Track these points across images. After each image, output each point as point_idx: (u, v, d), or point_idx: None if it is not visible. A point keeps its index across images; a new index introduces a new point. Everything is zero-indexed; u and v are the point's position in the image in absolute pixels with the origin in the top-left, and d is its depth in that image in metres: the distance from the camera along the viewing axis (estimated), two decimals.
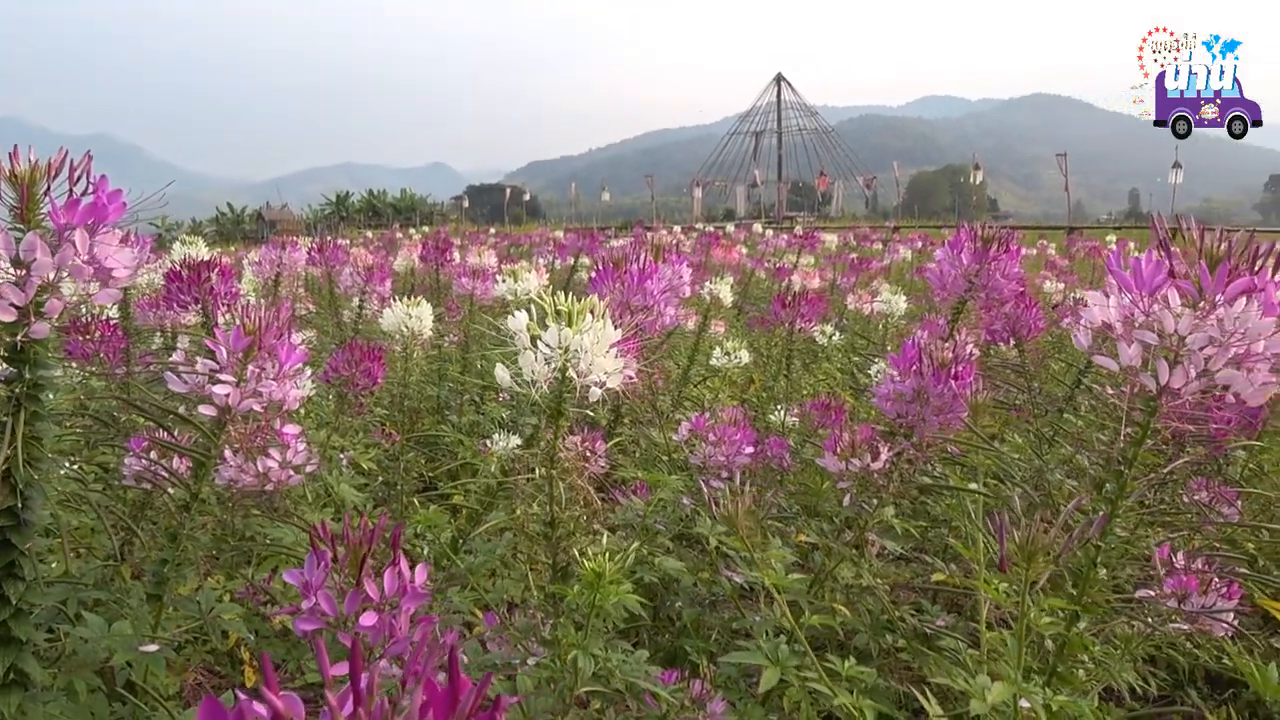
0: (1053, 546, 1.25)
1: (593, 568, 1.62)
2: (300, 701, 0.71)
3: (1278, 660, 3.63)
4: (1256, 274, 1.33)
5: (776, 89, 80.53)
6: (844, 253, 13.85)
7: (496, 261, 6.92)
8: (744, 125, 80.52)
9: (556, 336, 1.70)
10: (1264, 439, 4.42)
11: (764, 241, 15.96)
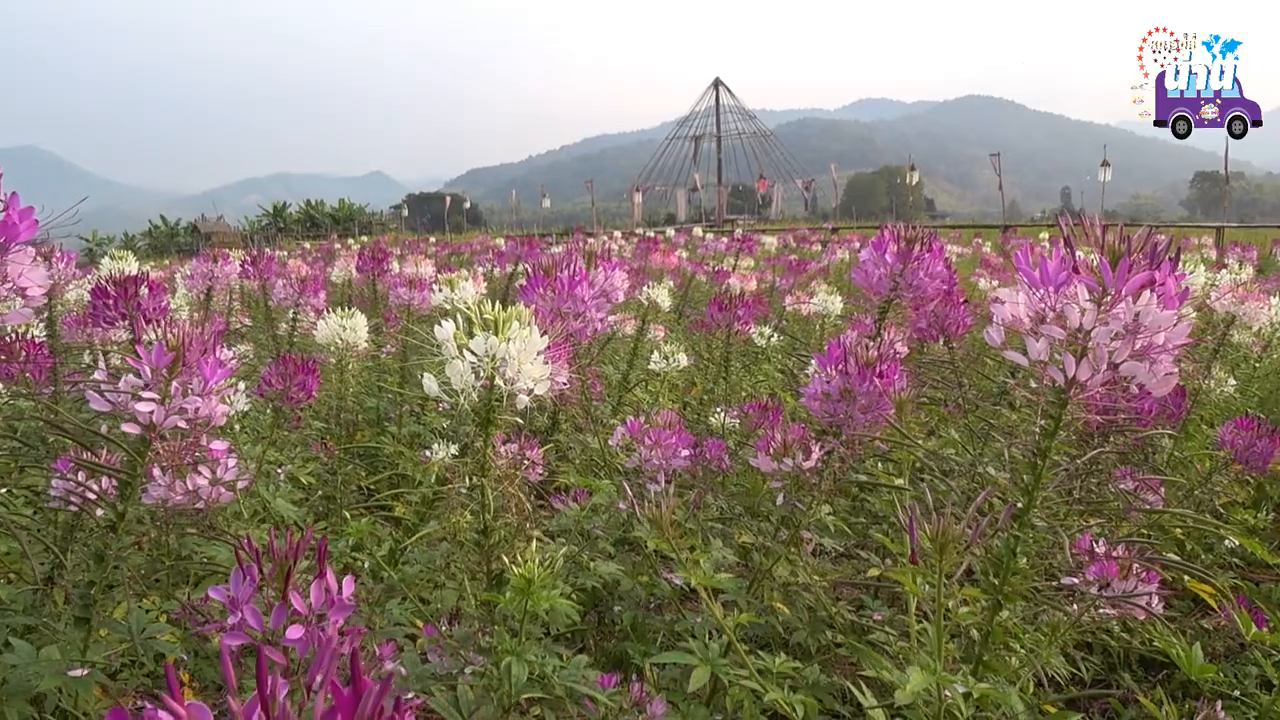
0: (962, 539, 1.28)
1: (522, 574, 1.62)
2: (208, 711, 0.71)
3: (1204, 641, 3.76)
4: (1156, 268, 1.37)
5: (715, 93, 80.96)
6: (783, 254, 13.98)
7: (434, 271, 6.88)
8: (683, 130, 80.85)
9: (483, 345, 1.70)
10: (1188, 427, 4.56)
11: (704, 245, 16.04)
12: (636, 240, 18.68)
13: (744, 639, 2.86)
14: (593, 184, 54.42)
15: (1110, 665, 3.65)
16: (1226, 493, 4.07)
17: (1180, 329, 1.39)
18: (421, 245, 23.03)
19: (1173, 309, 1.37)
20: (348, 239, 34.24)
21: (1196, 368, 4.82)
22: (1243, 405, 5.00)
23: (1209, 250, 13.15)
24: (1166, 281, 1.37)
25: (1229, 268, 8.21)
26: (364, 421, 5.58)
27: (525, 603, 1.65)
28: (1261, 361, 5.34)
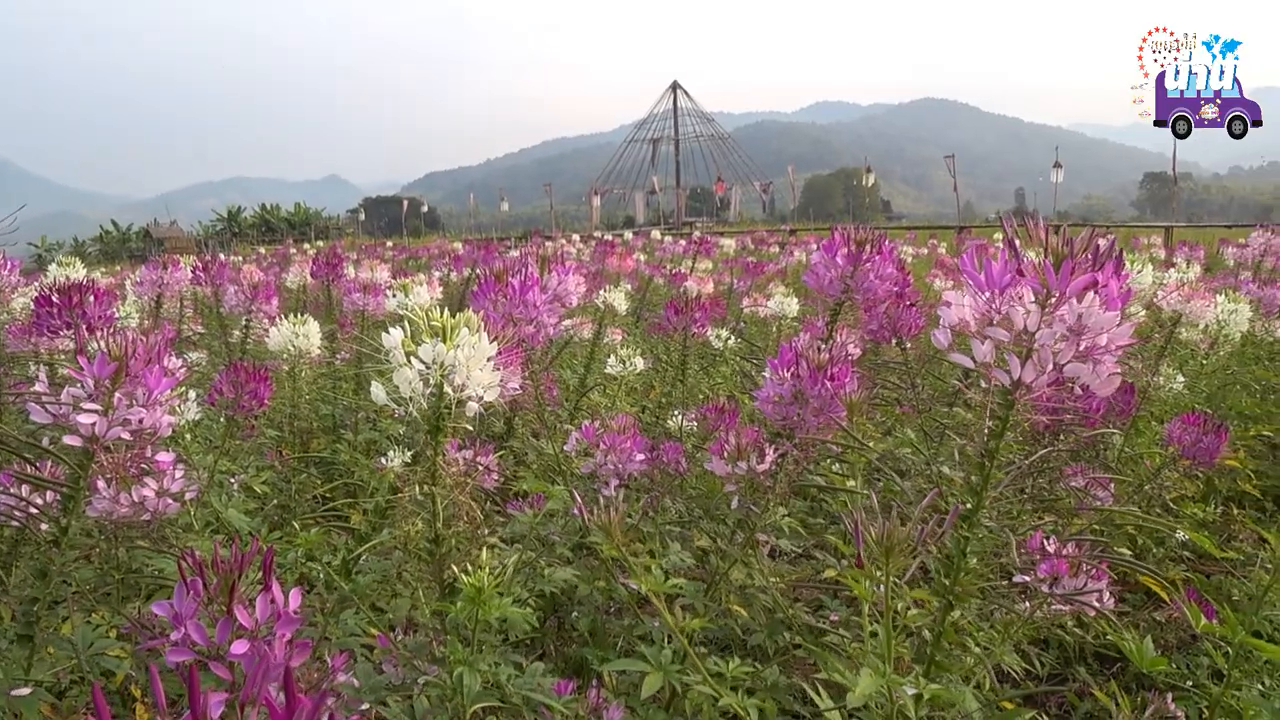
0: (908, 541, 1.28)
1: (472, 583, 1.61)
2: None
3: (1157, 633, 3.82)
4: (1099, 270, 1.39)
5: (673, 96, 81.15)
6: (741, 256, 14.02)
7: (389, 276, 6.82)
8: (641, 133, 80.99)
9: (431, 352, 1.68)
10: (1138, 424, 4.63)
11: (661, 247, 16.06)
12: (595, 243, 18.67)
13: (704, 641, 2.87)
14: (551, 187, 54.38)
15: (1066, 660, 3.70)
16: (1177, 487, 4.14)
17: (1122, 330, 1.40)
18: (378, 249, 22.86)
19: (1115, 310, 1.38)
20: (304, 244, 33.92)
21: (1145, 365, 4.89)
22: (1191, 401, 5.08)
23: (1158, 249, 13.35)
24: (1109, 283, 1.38)
25: (1177, 266, 8.34)
26: (319, 429, 5.52)
27: (476, 612, 1.64)
28: (1209, 358, 5.43)
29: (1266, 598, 2.98)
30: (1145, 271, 5.41)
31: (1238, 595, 3.25)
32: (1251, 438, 5.60)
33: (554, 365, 5.65)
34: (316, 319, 6.40)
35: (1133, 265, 5.36)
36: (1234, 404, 6.01)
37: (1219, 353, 5.45)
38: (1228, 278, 9.17)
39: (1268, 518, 4.84)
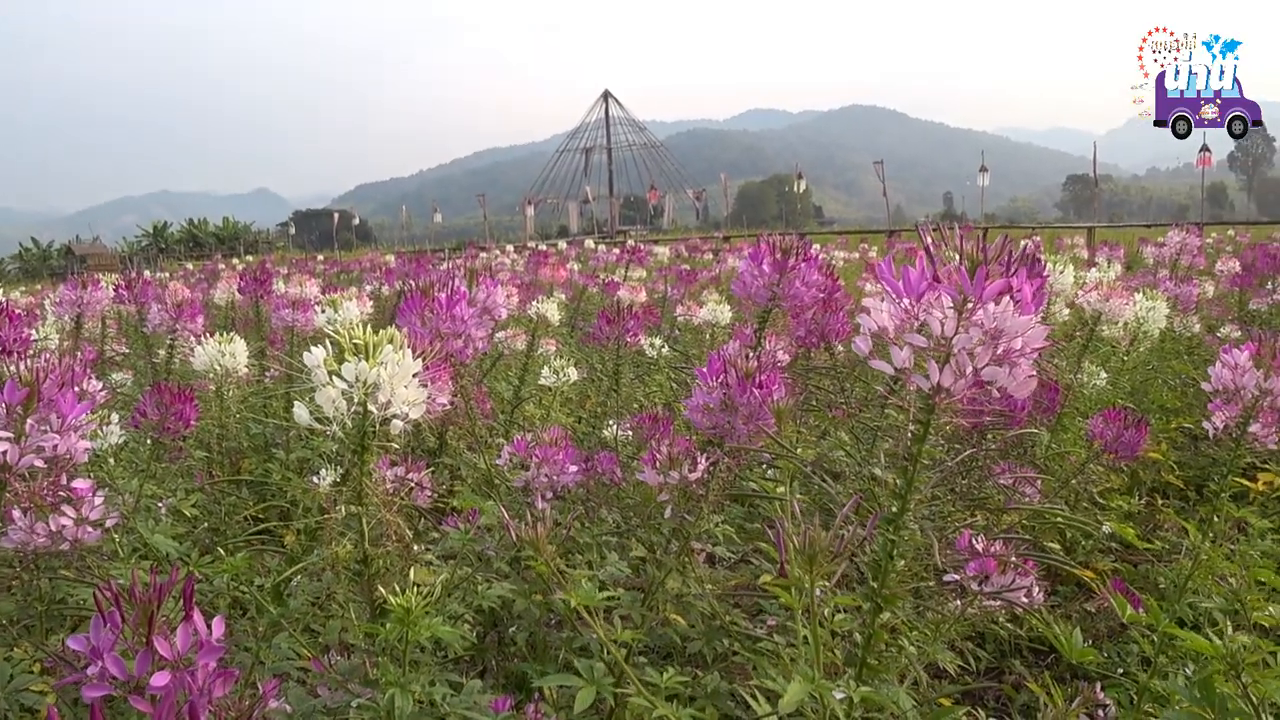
0: (830, 548, 1.29)
1: (400, 603, 1.58)
2: None
3: (1088, 623, 3.90)
4: (1013, 275, 1.42)
5: (604, 105, 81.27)
6: (675, 264, 14.07)
7: (318, 291, 6.72)
8: (573, 142, 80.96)
9: (353, 371, 1.66)
10: (1064, 421, 4.74)
11: (595, 257, 16.06)
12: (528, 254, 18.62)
13: (644, 651, 2.86)
14: (484, 198, 54.07)
15: (1002, 654, 3.77)
16: (1103, 481, 4.24)
17: (1037, 333, 1.43)
18: (309, 264, 22.56)
19: (1029, 314, 1.41)
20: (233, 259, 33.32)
21: (1069, 364, 5.01)
22: (1114, 397, 5.21)
23: (1081, 249, 13.67)
24: (1022, 288, 1.41)
25: (1099, 266, 8.54)
26: (250, 448, 5.41)
27: (406, 632, 1.61)
28: (1129, 355, 5.57)
29: (1188, 585, 3.06)
30: (1067, 272, 5.54)
31: (1164, 584, 3.33)
32: (1173, 430, 5.76)
33: (488, 378, 5.61)
34: (246, 336, 6.28)
35: (1055, 266, 5.49)
36: (1155, 398, 6.18)
37: (1139, 349, 5.60)
38: (1147, 276, 9.43)
39: (1190, 507, 4.97)
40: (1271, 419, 2.88)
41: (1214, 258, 10.70)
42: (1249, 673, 1.67)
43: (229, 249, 58.38)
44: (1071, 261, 8.05)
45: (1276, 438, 2.98)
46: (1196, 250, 10.57)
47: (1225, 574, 2.88)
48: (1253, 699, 1.68)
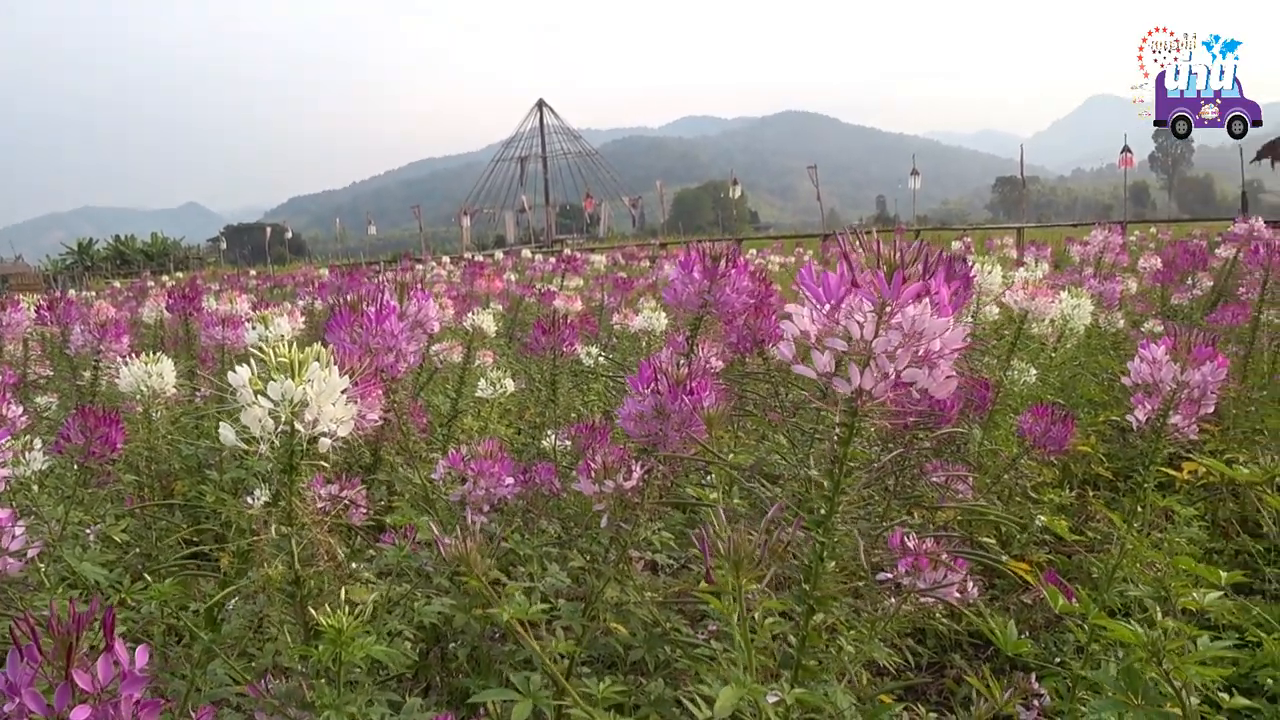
0: (755, 553, 1.31)
1: (332, 624, 1.56)
2: None
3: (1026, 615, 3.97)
4: (930, 278, 1.44)
5: (539, 114, 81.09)
6: (612, 272, 14.08)
7: (249, 307, 6.60)
8: (508, 151, 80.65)
9: (279, 389, 1.63)
10: (995, 418, 4.83)
11: (532, 266, 16.02)
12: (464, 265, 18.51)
13: (588, 661, 2.86)
14: (420, 209, 53.61)
15: (943, 649, 3.83)
16: (1036, 474, 4.33)
17: (955, 334, 1.46)
18: (241, 279, 22.20)
19: (947, 316, 1.44)
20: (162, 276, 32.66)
21: (999, 361, 5.11)
22: (1043, 393, 5.32)
23: (1010, 249, 13.93)
24: (940, 290, 1.44)
25: (1027, 265, 8.72)
26: (182, 470, 5.30)
27: (340, 653, 1.59)
28: (1057, 351, 5.70)
29: (1117, 575, 3.14)
30: (995, 272, 5.65)
31: (1097, 573, 3.41)
32: (1101, 423, 5.90)
33: (424, 392, 5.57)
34: (176, 355, 6.15)
35: (983, 266, 5.59)
36: (1084, 392, 6.33)
37: (1066, 345, 5.73)
38: (1074, 274, 9.64)
39: (1120, 498, 5.09)
40: (1191, 410, 2.96)
41: (1137, 255, 11.00)
42: (1169, 659, 1.72)
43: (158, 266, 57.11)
44: (1000, 261, 8.22)
45: (1197, 428, 3.07)
46: (1119, 248, 10.84)
47: (1152, 562, 2.96)
48: (1174, 683, 1.73)
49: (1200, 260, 9.38)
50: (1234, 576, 2.39)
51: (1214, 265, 9.50)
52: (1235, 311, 6.52)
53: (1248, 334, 6.28)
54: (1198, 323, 7.20)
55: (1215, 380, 2.71)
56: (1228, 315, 6.55)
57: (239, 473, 5.09)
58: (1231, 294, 8.12)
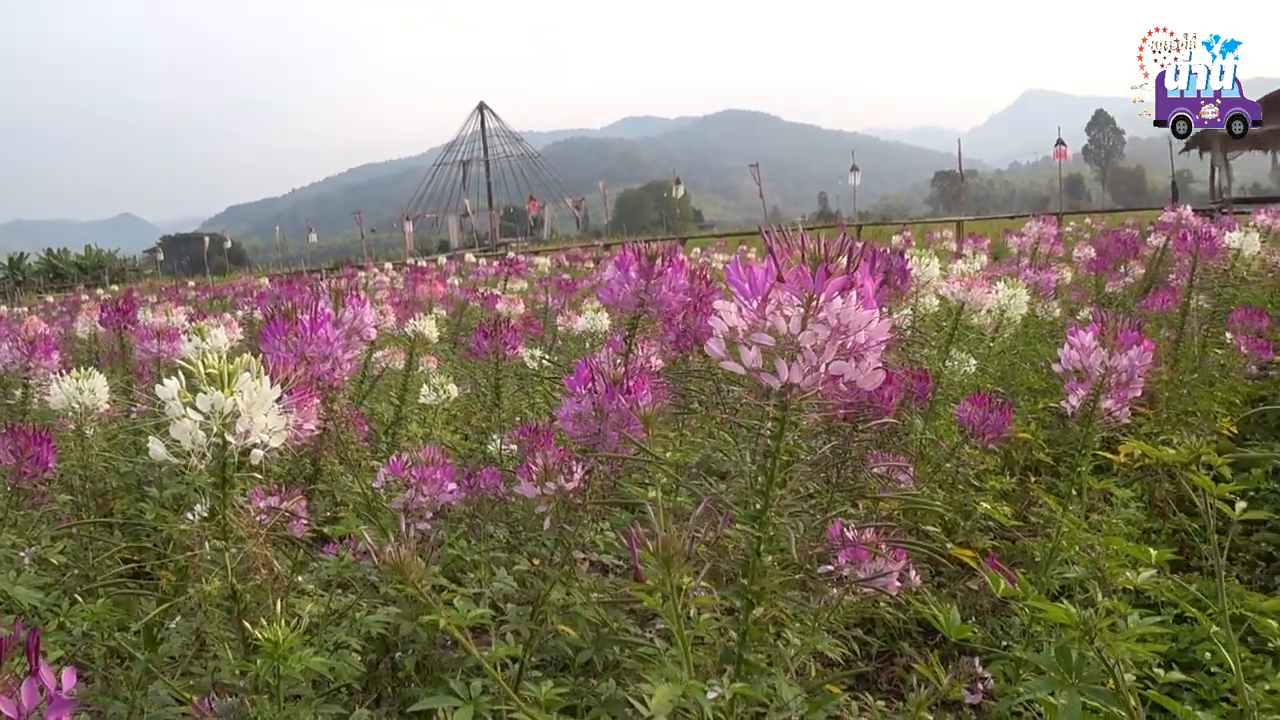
0: (683, 551, 1.32)
1: (269, 638, 1.54)
2: None
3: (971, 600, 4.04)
4: (854, 272, 1.46)
5: (480, 117, 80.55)
6: (557, 274, 14.05)
7: (185, 319, 6.49)
8: (450, 155, 79.95)
9: (208, 401, 1.61)
10: (936, 408, 4.91)
11: (476, 270, 15.93)
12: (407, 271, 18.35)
13: (539, 665, 2.85)
14: (361, 215, 53.04)
15: (892, 637, 3.88)
16: (978, 462, 4.40)
17: (880, 326, 1.49)
18: (179, 291, 21.83)
19: (871, 309, 1.46)
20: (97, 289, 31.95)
21: (939, 352, 5.19)
22: (983, 382, 5.41)
23: (950, 242, 14.12)
24: (864, 284, 1.46)
25: (965, 257, 8.85)
26: (120, 488, 5.19)
27: (279, 668, 1.57)
28: (995, 341, 5.80)
29: (1057, 557, 3.21)
30: (932, 264, 5.72)
31: (1039, 557, 3.48)
32: (1040, 410, 6.02)
33: (368, 399, 5.52)
34: (111, 369, 6.02)
35: (920, 259, 5.66)
36: (1023, 380, 6.45)
37: (1003, 335, 5.83)
38: (1011, 265, 9.81)
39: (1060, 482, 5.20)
40: (1122, 394, 3.03)
41: (1072, 245, 11.21)
42: (1101, 637, 1.76)
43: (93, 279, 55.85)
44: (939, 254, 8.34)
45: (1129, 411, 3.14)
46: (1054, 238, 11.05)
47: (1088, 544, 3.02)
48: (1106, 661, 1.77)
49: (1132, 249, 9.60)
50: (1164, 555, 2.44)
51: (1145, 253, 9.72)
52: (1166, 297, 6.68)
53: (1178, 319, 6.43)
54: (1130, 310, 7.36)
55: (1142, 364, 2.78)
56: (1159, 301, 6.71)
57: (180, 488, 4.98)
58: (1162, 280, 8.32)
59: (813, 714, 1.86)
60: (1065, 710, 1.64)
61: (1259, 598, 2.82)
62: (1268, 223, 9.01)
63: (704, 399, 3.40)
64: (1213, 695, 3.29)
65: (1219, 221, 10.01)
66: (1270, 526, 5.14)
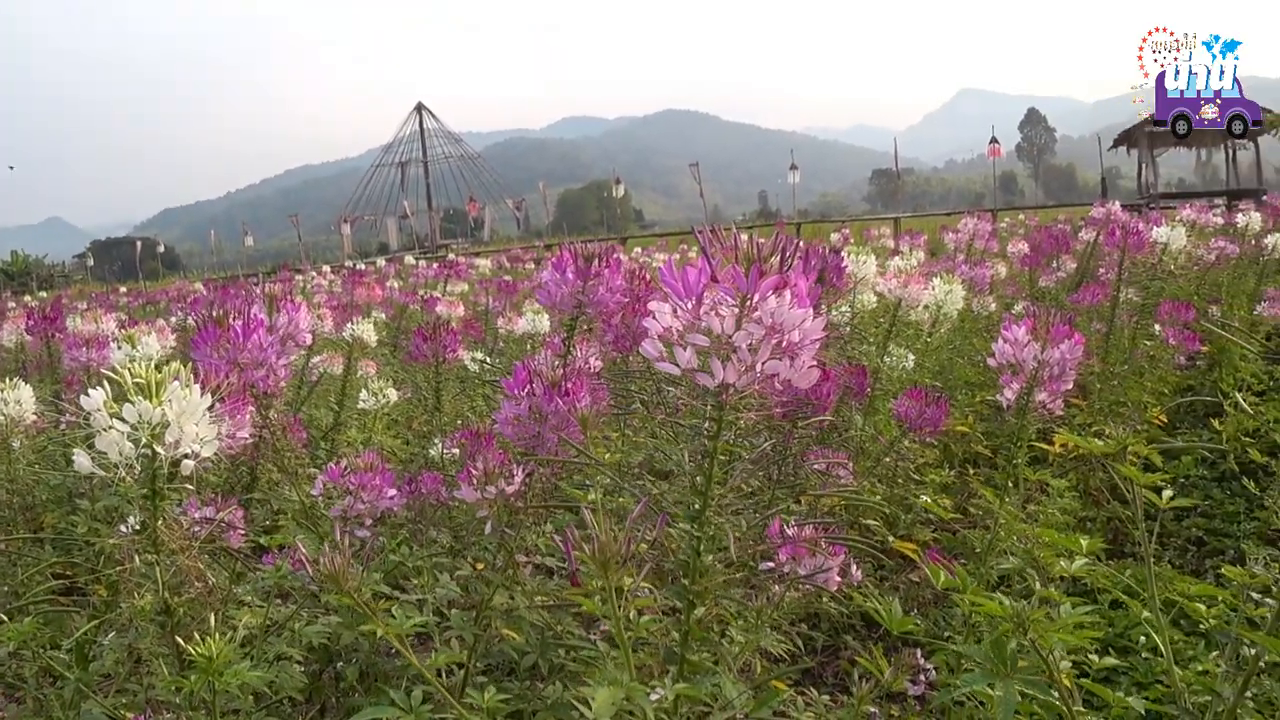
0: (620, 551, 1.32)
1: (201, 652, 1.51)
2: None
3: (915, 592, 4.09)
4: (788, 271, 1.47)
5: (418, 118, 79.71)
6: (498, 276, 13.98)
7: (115, 326, 6.34)
8: (388, 157, 79.02)
9: (135, 412, 1.57)
10: (875, 403, 4.97)
11: (415, 273, 15.80)
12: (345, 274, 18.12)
13: (487, 670, 2.83)
14: (298, 218, 52.29)
15: (837, 632, 3.92)
16: (918, 456, 4.47)
17: (815, 325, 1.50)
18: (111, 297, 21.35)
19: (805, 307, 1.47)
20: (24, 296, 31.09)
21: (877, 348, 5.26)
22: (922, 377, 5.48)
23: (887, 239, 14.30)
24: (798, 282, 1.47)
25: (903, 254, 8.96)
26: (50, 501, 5.05)
27: (212, 682, 1.54)
28: (932, 336, 5.88)
29: (995, 548, 3.26)
30: (869, 262, 5.79)
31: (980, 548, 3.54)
32: (979, 403, 6.12)
33: (307, 405, 5.44)
34: (39, 378, 5.85)
35: (857, 256, 5.73)
36: (961, 375, 6.55)
37: (940, 330, 5.92)
38: (948, 261, 9.96)
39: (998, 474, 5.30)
40: (1055, 387, 3.09)
41: (1007, 240, 11.41)
42: (1034, 627, 1.80)
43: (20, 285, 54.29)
44: (876, 251, 8.43)
45: (1062, 404, 3.21)
46: (989, 234, 11.24)
47: (1023, 535, 3.08)
48: (1039, 650, 1.80)
49: (1064, 244, 9.80)
50: (1094, 544, 2.50)
51: (1077, 248, 9.92)
52: (1096, 291, 6.84)
53: (1108, 312, 6.59)
54: (1063, 303, 7.52)
55: (1073, 357, 2.84)
56: (1090, 295, 6.86)
57: (112, 500, 4.86)
58: (1093, 275, 8.50)
59: (757, 711, 1.87)
60: (1001, 702, 1.67)
61: (1190, 581, 2.90)
62: (1193, 217, 9.27)
63: (646, 399, 3.40)
64: (1148, 678, 3.37)
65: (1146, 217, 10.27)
66: (1201, 512, 5.29)
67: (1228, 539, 4.94)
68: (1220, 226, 9.84)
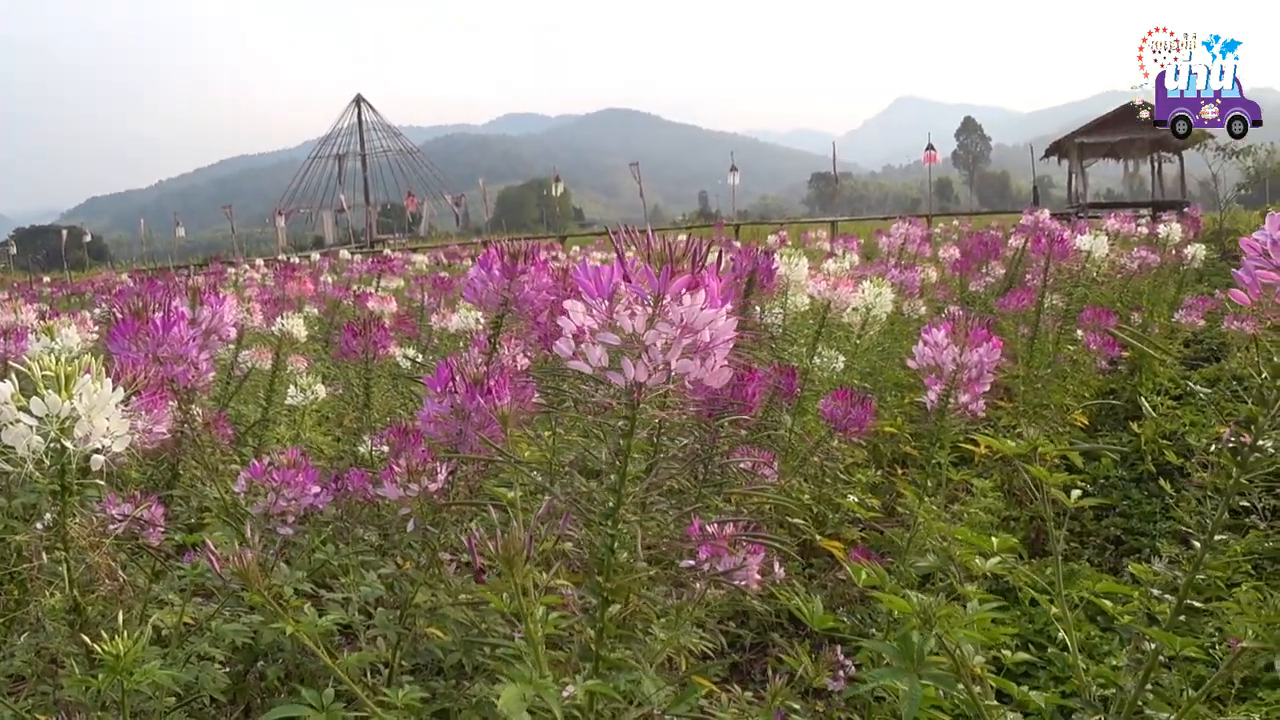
0: (524, 551, 1.33)
1: (109, 651, 1.49)
2: None
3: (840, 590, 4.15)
4: (700, 271, 1.50)
5: (357, 110, 78.62)
6: (434, 272, 13.87)
7: (35, 317, 6.18)
8: (325, 149, 77.78)
9: (43, 405, 1.54)
10: (804, 404, 5.03)
11: (350, 268, 15.60)
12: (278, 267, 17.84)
13: (414, 669, 2.82)
14: (231, 209, 51.29)
15: (765, 629, 3.96)
16: (847, 455, 4.53)
17: (726, 325, 1.52)
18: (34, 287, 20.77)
19: (717, 308, 1.50)
20: None
21: (807, 349, 5.33)
22: (851, 378, 5.57)
23: (824, 242, 14.46)
24: (710, 283, 1.50)
25: (836, 256, 9.08)
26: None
27: (122, 682, 1.52)
28: (861, 338, 5.97)
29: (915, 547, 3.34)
30: (801, 264, 5.86)
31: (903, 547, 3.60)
32: (907, 404, 6.24)
33: (234, 401, 5.35)
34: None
35: (791, 258, 5.80)
36: (890, 376, 6.66)
37: (869, 332, 6.01)
38: (881, 264, 10.11)
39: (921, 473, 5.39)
40: (975, 389, 3.17)
41: (940, 245, 11.62)
42: (941, 624, 1.85)
43: None
44: (811, 254, 8.53)
45: (984, 405, 3.29)
46: (921, 239, 11.44)
47: (942, 535, 3.15)
48: (946, 645, 1.85)
49: (994, 250, 10.02)
50: (1007, 542, 2.57)
51: (1006, 254, 10.14)
52: (1023, 296, 7.00)
53: (1034, 317, 6.75)
54: (991, 308, 7.68)
55: (991, 360, 2.91)
56: (1016, 300, 7.02)
57: (31, 496, 4.74)
58: (1021, 280, 8.70)
59: (674, 707, 1.90)
60: (905, 696, 1.71)
61: (1109, 580, 2.99)
62: (1117, 227, 9.53)
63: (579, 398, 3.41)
64: (1064, 673, 3.46)
65: (1074, 225, 10.52)
66: (1120, 512, 5.45)
67: (1144, 538, 5.10)
68: (1144, 236, 10.15)
